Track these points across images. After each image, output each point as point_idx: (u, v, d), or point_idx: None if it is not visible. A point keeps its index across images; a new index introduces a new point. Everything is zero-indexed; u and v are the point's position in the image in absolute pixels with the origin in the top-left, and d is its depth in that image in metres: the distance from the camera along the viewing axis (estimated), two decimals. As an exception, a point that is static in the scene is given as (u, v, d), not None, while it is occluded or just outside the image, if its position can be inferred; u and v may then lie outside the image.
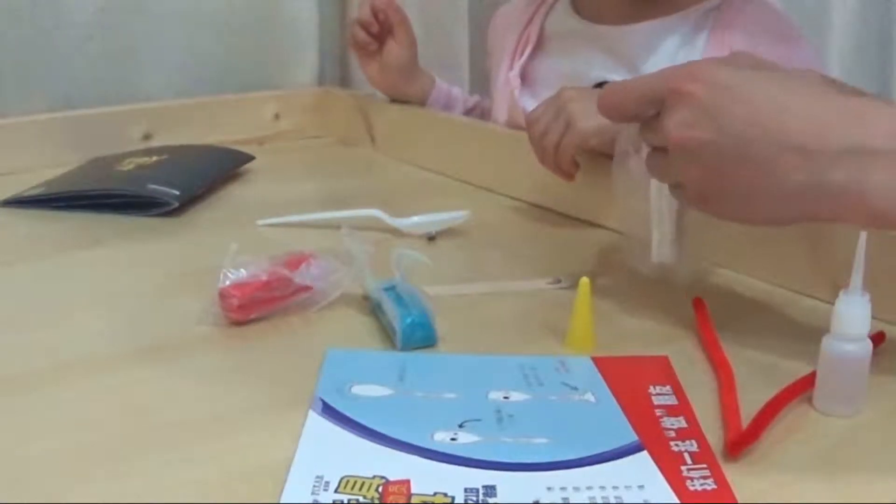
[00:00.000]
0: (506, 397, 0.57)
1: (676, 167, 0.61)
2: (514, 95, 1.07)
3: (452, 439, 0.52)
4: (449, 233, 0.88)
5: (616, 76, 1.00)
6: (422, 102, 1.20)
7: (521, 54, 1.09)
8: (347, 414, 0.55)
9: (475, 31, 1.41)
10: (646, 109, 0.63)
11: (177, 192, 0.95)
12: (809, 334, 0.59)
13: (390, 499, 0.47)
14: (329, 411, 0.55)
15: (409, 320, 0.64)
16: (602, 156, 0.92)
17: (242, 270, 0.68)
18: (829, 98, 0.57)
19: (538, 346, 0.65)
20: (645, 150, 0.66)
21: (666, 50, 1.00)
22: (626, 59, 1.01)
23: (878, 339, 0.61)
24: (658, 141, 0.62)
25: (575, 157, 0.89)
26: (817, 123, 0.56)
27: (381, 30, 1.16)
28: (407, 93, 1.20)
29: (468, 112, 1.23)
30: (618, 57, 1.02)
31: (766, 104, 0.57)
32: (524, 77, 1.09)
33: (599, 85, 1.02)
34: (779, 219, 0.60)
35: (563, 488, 0.48)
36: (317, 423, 0.54)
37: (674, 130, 0.59)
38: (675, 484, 0.48)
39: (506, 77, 1.09)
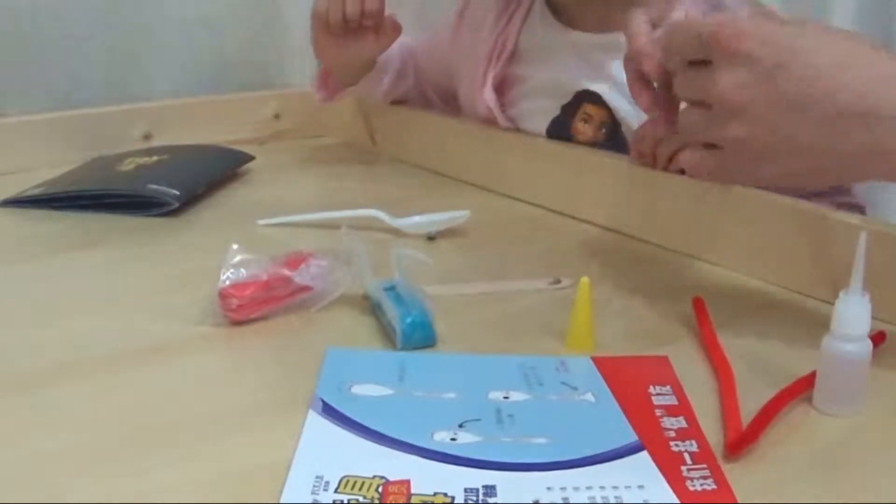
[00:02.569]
0: (506, 397, 0.57)
1: (720, 126, 0.60)
2: (493, 112, 1.04)
3: (452, 439, 0.52)
4: (449, 233, 0.88)
5: (597, 85, 0.98)
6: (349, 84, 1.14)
7: (498, 60, 1.05)
8: (347, 414, 0.55)
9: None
10: (691, 54, 0.62)
11: (177, 192, 0.95)
12: (809, 334, 0.59)
13: (390, 499, 0.47)
14: (329, 411, 0.55)
15: (409, 320, 0.64)
16: (604, 157, 0.93)
17: (242, 270, 0.68)
18: (884, 60, 0.58)
19: (538, 346, 0.65)
20: None
21: None
22: (607, 67, 0.97)
23: (878, 339, 0.61)
24: (701, 95, 0.61)
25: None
26: (879, 87, 0.56)
27: (356, 27, 1.06)
28: (347, 79, 1.13)
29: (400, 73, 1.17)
30: (597, 66, 0.98)
31: (827, 65, 0.57)
32: (499, 86, 1.05)
33: (580, 93, 0.99)
34: (830, 180, 0.61)
35: (563, 488, 0.48)
36: (317, 422, 0.54)
37: (729, 91, 0.59)
38: (675, 484, 0.48)
39: (479, 92, 1.05)
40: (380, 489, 0.47)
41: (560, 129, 1.01)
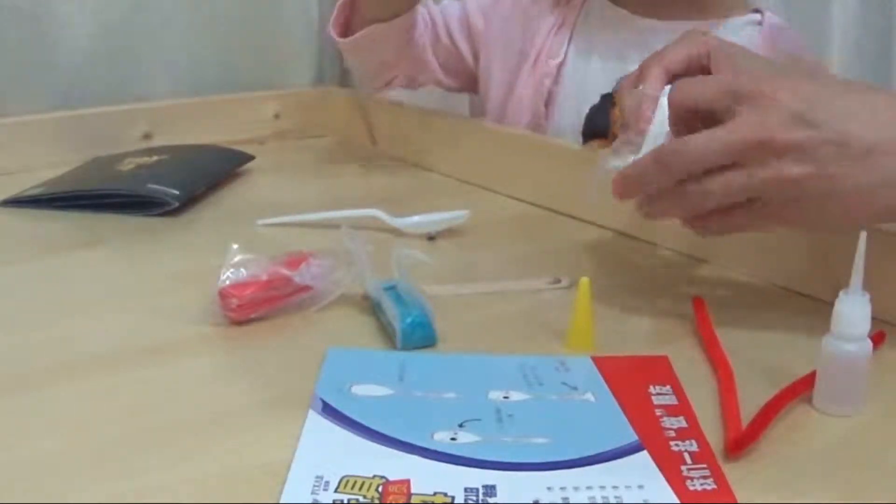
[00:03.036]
0: (506, 397, 0.57)
1: (767, 175, 0.59)
2: (541, 90, 1.03)
3: (452, 439, 0.52)
4: (449, 233, 0.88)
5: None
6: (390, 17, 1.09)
7: (555, 39, 1.04)
8: (347, 414, 0.55)
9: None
10: (722, 105, 0.61)
11: (177, 192, 0.95)
12: (809, 334, 0.59)
13: (390, 499, 0.47)
14: (329, 411, 0.55)
15: (409, 320, 0.64)
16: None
17: (242, 270, 0.68)
18: None
19: (538, 346, 0.65)
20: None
21: None
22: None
23: (878, 339, 0.61)
24: (736, 150, 0.60)
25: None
26: None
27: None
28: (378, 11, 1.08)
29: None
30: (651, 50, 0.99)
31: (856, 103, 0.59)
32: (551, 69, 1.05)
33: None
34: (883, 215, 0.61)
35: (562, 488, 0.48)
36: (317, 422, 0.54)
37: (780, 132, 0.58)
38: (675, 484, 0.48)
39: (534, 69, 1.04)
40: (380, 489, 0.47)
41: (598, 116, 1.00)
